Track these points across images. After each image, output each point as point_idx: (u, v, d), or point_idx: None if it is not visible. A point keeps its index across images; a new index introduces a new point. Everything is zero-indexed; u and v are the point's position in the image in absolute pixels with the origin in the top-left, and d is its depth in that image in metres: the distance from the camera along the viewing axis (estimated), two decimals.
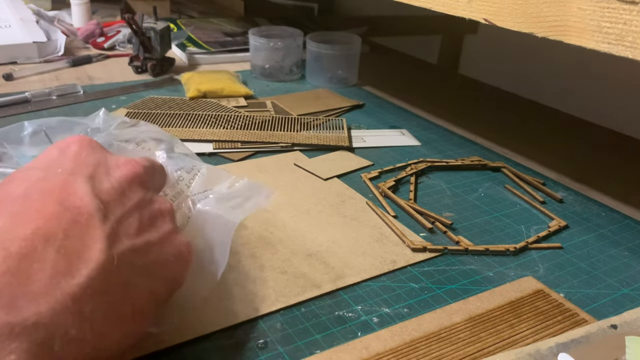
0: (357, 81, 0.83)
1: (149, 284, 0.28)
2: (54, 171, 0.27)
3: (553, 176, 0.57)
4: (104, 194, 0.27)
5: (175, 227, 0.31)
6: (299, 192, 0.50)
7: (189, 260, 0.31)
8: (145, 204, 0.29)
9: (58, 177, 0.26)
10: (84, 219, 0.25)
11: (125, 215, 0.27)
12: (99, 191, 0.27)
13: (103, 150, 0.30)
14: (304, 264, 0.40)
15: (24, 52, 0.83)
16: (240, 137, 0.60)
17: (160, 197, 0.31)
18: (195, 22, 1.05)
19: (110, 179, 0.28)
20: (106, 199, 0.27)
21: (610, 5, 0.31)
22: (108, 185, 0.28)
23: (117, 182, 0.28)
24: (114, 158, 0.30)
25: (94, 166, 0.28)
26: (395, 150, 0.61)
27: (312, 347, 0.32)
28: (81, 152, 0.29)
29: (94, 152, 0.29)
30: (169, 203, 0.31)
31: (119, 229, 0.26)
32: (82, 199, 0.26)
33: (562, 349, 0.30)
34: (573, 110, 0.76)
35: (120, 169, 0.29)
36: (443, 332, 0.34)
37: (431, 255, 0.42)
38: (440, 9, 0.44)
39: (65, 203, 0.25)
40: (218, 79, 0.75)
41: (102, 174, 0.28)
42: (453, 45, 1.23)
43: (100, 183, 0.27)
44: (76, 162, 0.28)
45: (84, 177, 0.27)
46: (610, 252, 0.44)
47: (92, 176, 0.27)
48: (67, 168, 0.27)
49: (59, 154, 0.29)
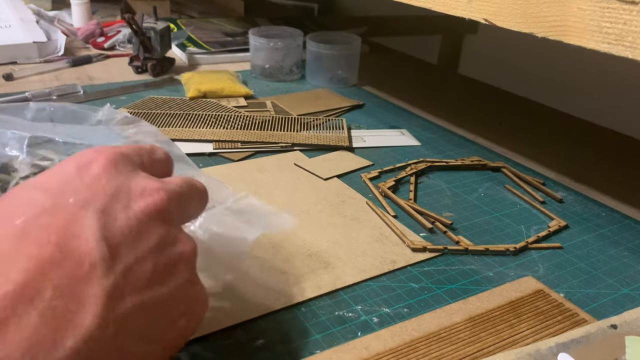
0: (357, 81, 0.83)
1: (147, 349, 0.24)
2: (64, 200, 0.23)
3: (553, 176, 0.57)
4: (115, 235, 0.23)
5: (193, 276, 0.26)
6: (299, 192, 0.50)
7: (200, 317, 0.27)
8: (164, 247, 0.25)
9: (66, 211, 0.23)
10: (84, 270, 0.21)
11: (137, 263, 0.23)
12: (110, 231, 0.23)
13: (129, 170, 0.26)
14: (304, 264, 0.40)
15: (24, 52, 0.83)
16: (240, 137, 0.60)
17: (183, 235, 0.26)
18: (195, 22, 1.05)
19: (128, 214, 0.24)
20: (117, 242, 0.23)
21: (610, 5, 0.31)
22: (123, 223, 0.23)
23: (136, 218, 0.24)
24: (140, 182, 0.25)
25: (113, 195, 0.24)
26: (395, 150, 0.61)
27: (312, 347, 0.32)
28: (102, 176, 0.24)
29: (118, 175, 0.25)
30: (191, 244, 0.26)
31: (125, 282, 0.22)
32: (87, 242, 0.22)
33: (562, 348, 0.30)
34: (573, 110, 0.76)
35: (143, 200, 0.25)
36: (443, 332, 0.34)
37: (431, 255, 0.42)
38: (440, 9, 0.44)
39: (66, 247, 0.21)
40: (218, 79, 0.75)
41: (120, 206, 0.24)
42: (453, 45, 1.23)
43: (115, 219, 0.23)
44: (92, 190, 0.24)
45: (95, 212, 0.23)
46: (610, 252, 0.44)
47: (106, 210, 0.23)
48: (80, 199, 0.23)
49: (76, 174, 0.24)
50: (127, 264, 0.23)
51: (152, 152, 0.28)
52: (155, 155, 0.29)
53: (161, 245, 0.24)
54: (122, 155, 0.26)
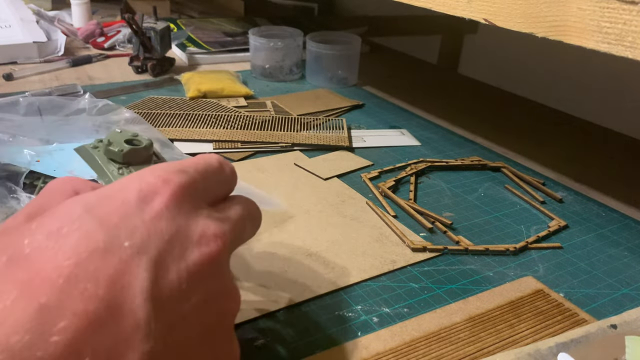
0: (357, 81, 0.83)
1: None
2: (119, 240, 0.21)
3: (553, 176, 0.57)
4: (164, 291, 0.21)
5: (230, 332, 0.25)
6: (299, 192, 0.50)
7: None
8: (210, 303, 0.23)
9: (119, 256, 0.20)
10: (127, 332, 0.19)
11: (178, 323, 0.21)
12: (159, 286, 0.21)
13: (191, 208, 0.23)
14: (304, 264, 0.40)
15: (24, 52, 0.83)
16: (240, 137, 0.60)
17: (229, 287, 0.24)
18: (195, 22, 1.05)
19: (180, 266, 0.22)
20: (164, 299, 0.21)
21: (610, 5, 0.31)
22: (174, 278, 0.21)
23: (187, 272, 0.22)
24: (199, 226, 0.23)
25: (169, 241, 0.22)
26: (395, 150, 0.61)
27: (312, 347, 0.32)
28: (164, 215, 0.22)
29: (179, 214, 0.23)
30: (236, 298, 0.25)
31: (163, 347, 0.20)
32: (133, 299, 0.20)
33: (562, 348, 0.30)
34: (573, 110, 0.76)
35: (199, 250, 0.22)
36: (443, 332, 0.34)
37: (431, 255, 0.42)
38: (440, 9, 0.44)
39: (114, 303, 0.19)
40: (218, 79, 0.75)
41: (176, 256, 0.22)
42: (453, 45, 1.23)
43: (167, 271, 0.21)
44: (150, 233, 0.21)
45: (149, 262, 0.21)
46: (610, 252, 0.44)
47: (160, 260, 0.21)
48: (137, 242, 0.21)
49: (137, 207, 0.22)
50: (169, 323, 0.21)
51: (220, 173, 0.27)
52: (223, 175, 0.27)
53: (207, 301, 0.23)
54: (188, 188, 0.24)
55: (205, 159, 0.26)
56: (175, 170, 0.24)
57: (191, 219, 0.23)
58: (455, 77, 0.97)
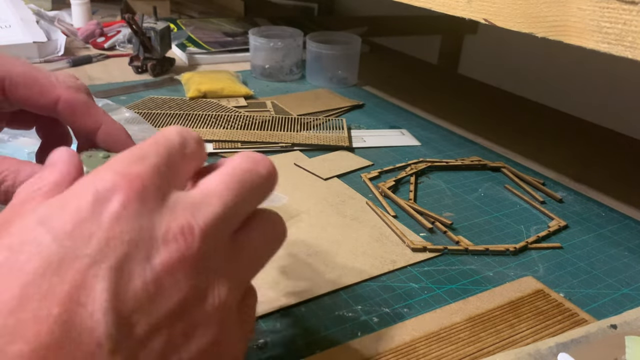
0: (357, 81, 0.83)
1: None
2: (75, 252, 0.19)
3: (553, 176, 0.57)
4: (128, 302, 0.19)
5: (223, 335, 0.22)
6: (299, 192, 0.50)
7: None
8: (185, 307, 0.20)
9: (75, 267, 0.19)
10: (88, 351, 0.18)
11: (150, 333, 0.19)
12: (122, 297, 0.19)
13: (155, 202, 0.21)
14: (304, 264, 0.40)
15: (24, 52, 0.83)
16: (240, 137, 0.60)
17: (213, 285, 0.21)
18: (195, 22, 1.05)
19: (146, 271, 0.19)
20: (129, 310, 0.19)
21: (610, 5, 0.31)
22: (138, 284, 0.19)
23: (154, 276, 0.20)
24: (165, 221, 0.21)
25: (132, 244, 0.20)
26: (395, 150, 0.61)
27: (312, 347, 0.32)
28: (123, 216, 0.20)
29: (141, 211, 0.20)
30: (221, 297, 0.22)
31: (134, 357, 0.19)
32: (92, 315, 0.18)
33: (562, 348, 0.30)
34: (573, 110, 0.76)
35: (166, 249, 0.20)
36: (443, 332, 0.34)
37: (431, 255, 0.42)
38: (440, 9, 0.44)
39: (69, 323, 0.18)
40: (218, 79, 0.75)
41: (140, 258, 0.20)
42: (453, 45, 1.23)
43: (130, 278, 0.19)
44: (109, 238, 0.19)
45: (109, 271, 0.19)
46: (610, 252, 0.44)
47: (121, 266, 0.19)
48: (94, 249, 0.19)
49: (93, 211, 0.20)
50: (139, 336, 0.19)
51: (184, 146, 0.24)
52: (188, 149, 0.24)
53: (181, 306, 0.20)
54: (149, 178, 0.21)
55: (164, 135, 0.23)
56: (134, 159, 0.22)
57: (156, 214, 0.20)
58: (455, 77, 0.97)
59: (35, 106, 0.30)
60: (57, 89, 0.30)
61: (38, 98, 0.30)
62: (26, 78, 0.30)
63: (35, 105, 0.30)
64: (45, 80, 0.30)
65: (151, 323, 0.19)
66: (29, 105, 0.30)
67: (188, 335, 0.20)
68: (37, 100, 0.30)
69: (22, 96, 0.30)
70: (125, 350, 0.18)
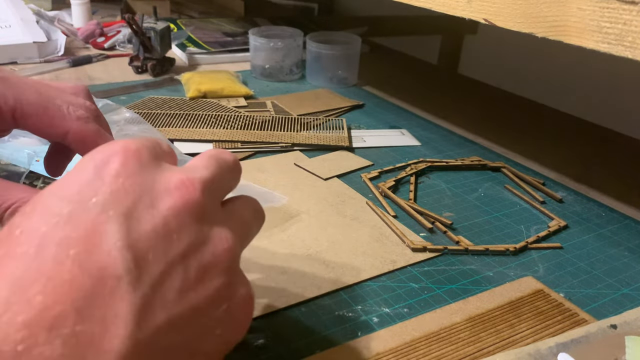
0: (357, 81, 0.83)
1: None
2: (83, 205, 0.21)
3: (553, 176, 0.57)
4: (142, 241, 0.20)
5: (231, 277, 0.24)
6: (299, 192, 0.50)
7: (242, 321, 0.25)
8: (196, 248, 0.22)
9: (85, 217, 0.20)
10: (108, 286, 0.19)
11: (167, 270, 0.21)
12: (135, 237, 0.20)
13: (152, 163, 0.23)
14: (304, 264, 0.40)
15: (24, 52, 0.83)
16: (240, 137, 0.60)
17: (217, 231, 0.23)
18: (195, 22, 1.05)
19: (154, 215, 0.21)
20: (143, 249, 0.20)
21: (610, 5, 0.31)
22: (149, 226, 0.21)
23: (162, 219, 0.21)
24: (165, 176, 0.23)
25: (136, 195, 0.21)
26: (395, 150, 0.61)
27: (312, 347, 0.32)
28: (122, 173, 0.22)
29: (141, 170, 0.22)
30: (226, 241, 0.24)
31: (154, 295, 0.20)
32: (109, 253, 0.20)
33: (562, 348, 0.31)
34: (573, 110, 0.76)
35: (169, 196, 0.22)
36: (443, 332, 0.34)
37: (431, 255, 0.42)
38: (440, 9, 0.44)
39: (87, 262, 0.19)
40: (218, 79, 0.75)
41: (145, 206, 0.21)
42: (453, 45, 1.23)
43: (139, 222, 0.21)
44: (113, 191, 0.21)
45: (117, 216, 0.20)
46: (610, 252, 0.44)
47: (129, 212, 0.21)
48: (100, 200, 0.21)
49: (95, 174, 0.22)
50: (156, 273, 0.20)
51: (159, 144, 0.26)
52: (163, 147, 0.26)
53: (193, 247, 0.22)
54: (142, 146, 0.23)
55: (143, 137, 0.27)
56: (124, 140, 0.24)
57: (155, 171, 0.23)
58: (455, 77, 0.97)
59: (45, 135, 0.32)
60: (67, 121, 0.31)
61: (48, 129, 0.31)
62: (37, 109, 0.31)
63: (45, 135, 0.32)
64: (56, 111, 0.31)
65: (167, 261, 0.21)
66: (38, 134, 0.32)
67: (203, 274, 0.22)
68: (47, 131, 0.31)
69: (32, 126, 0.31)
70: (144, 285, 0.20)
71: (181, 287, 0.21)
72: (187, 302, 0.21)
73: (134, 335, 0.19)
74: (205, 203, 0.23)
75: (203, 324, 0.22)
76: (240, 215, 0.27)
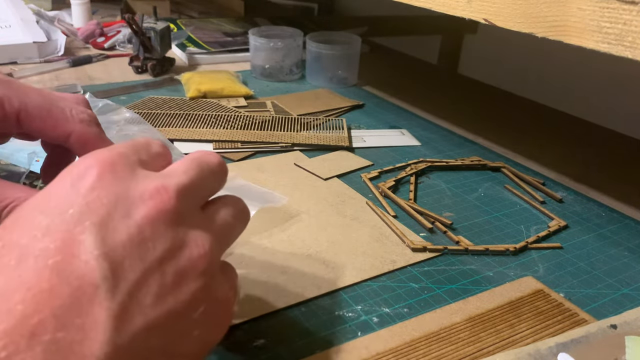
0: (357, 81, 0.83)
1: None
2: (60, 217, 0.21)
3: (553, 176, 0.57)
4: (117, 250, 0.21)
5: (208, 279, 0.24)
6: (299, 192, 0.50)
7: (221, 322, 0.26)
8: (172, 254, 0.23)
9: (62, 228, 0.21)
10: (86, 294, 0.20)
11: (143, 277, 0.21)
12: (111, 246, 0.21)
13: (127, 172, 0.24)
14: (304, 264, 0.40)
15: (24, 52, 0.83)
16: (240, 137, 0.60)
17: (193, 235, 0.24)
18: (195, 22, 1.05)
19: (128, 224, 0.22)
20: (119, 257, 0.21)
21: (610, 5, 0.31)
22: (124, 235, 0.22)
23: (137, 227, 0.22)
24: (139, 184, 0.23)
25: (111, 205, 0.22)
26: (395, 150, 0.61)
27: (312, 347, 0.32)
28: (97, 185, 0.22)
29: (115, 180, 0.23)
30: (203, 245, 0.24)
31: (132, 301, 0.21)
32: (86, 262, 0.20)
33: (562, 348, 0.31)
34: (573, 110, 0.76)
35: (144, 204, 0.23)
36: (443, 332, 0.34)
37: (431, 255, 0.42)
38: (440, 9, 0.44)
39: (65, 271, 0.20)
40: (218, 79, 0.75)
41: (120, 215, 0.22)
42: (453, 45, 1.23)
43: (115, 231, 0.21)
44: (89, 202, 0.22)
45: (94, 226, 0.21)
46: (610, 252, 0.44)
47: (104, 222, 0.21)
48: (76, 212, 0.21)
49: (71, 187, 0.22)
50: (133, 280, 0.21)
51: (148, 147, 0.27)
52: (152, 149, 0.27)
53: (168, 253, 0.22)
54: (118, 156, 0.24)
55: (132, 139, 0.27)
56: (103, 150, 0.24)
57: (129, 181, 0.23)
58: (455, 77, 0.97)
59: (48, 138, 0.32)
60: (70, 123, 0.32)
61: (51, 131, 0.31)
62: (41, 111, 0.31)
63: (48, 137, 0.32)
64: (59, 114, 0.31)
65: (143, 268, 0.21)
66: (41, 136, 0.32)
67: (179, 279, 0.23)
68: (50, 133, 0.32)
69: (35, 128, 0.31)
70: (121, 292, 0.21)
71: (158, 292, 0.22)
72: (164, 306, 0.22)
73: (113, 340, 0.20)
74: (180, 209, 0.24)
75: (181, 326, 0.23)
76: (221, 217, 0.27)
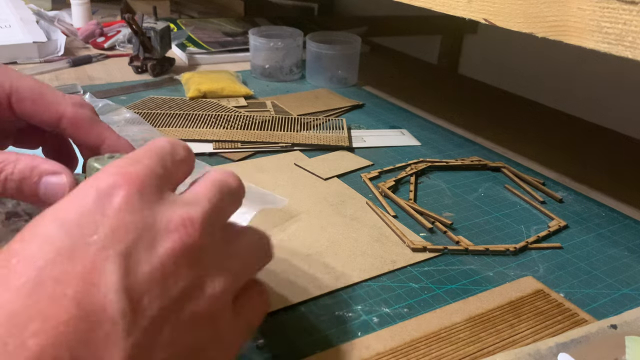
0: (357, 81, 0.83)
1: None
2: (82, 239, 0.20)
3: (553, 176, 0.57)
4: (138, 283, 0.20)
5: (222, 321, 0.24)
6: (299, 192, 0.50)
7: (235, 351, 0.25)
8: (190, 293, 0.22)
9: (84, 254, 0.20)
10: (104, 331, 0.19)
11: (160, 316, 0.21)
12: (132, 279, 0.20)
13: (154, 196, 0.23)
14: (304, 264, 0.40)
15: (24, 52, 0.83)
16: (240, 137, 0.60)
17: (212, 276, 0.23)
18: (195, 22, 1.05)
19: (152, 258, 0.21)
20: (139, 293, 0.20)
21: (610, 5, 0.31)
22: (146, 269, 0.21)
23: (160, 262, 0.21)
24: (166, 214, 0.22)
25: (137, 233, 0.21)
26: (395, 150, 0.61)
27: (312, 347, 0.32)
28: (124, 208, 0.21)
29: (142, 205, 0.22)
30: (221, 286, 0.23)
31: (148, 340, 0.20)
32: (105, 295, 0.19)
33: (562, 348, 0.31)
34: (573, 110, 0.76)
35: (169, 238, 0.22)
36: (443, 332, 0.34)
37: (431, 255, 0.42)
38: (440, 9, 0.44)
39: (84, 302, 0.19)
40: (218, 79, 0.75)
41: (144, 246, 0.21)
42: (453, 45, 1.23)
43: (137, 263, 0.21)
44: (114, 228, 0.21)
45: (117, 256, 0.20)
46: (610, 252, 0.44)
47: (129, 252, 0.21)
48: (101, 237, 0.20)
49: (96, 204, 0.21)
50: (150, 318, 0.20)
51: (174, 153, 0.25)
52: (178, 155, 0.26)
53: (187, 291, 0.22)
54: (146, 176, 0.23)
55: (155, 143, 0.26)
56: (130, 162, 0.23)
57: (156, 208, 0.22)
58: (455, 77, 0.97)
59: (40, 121, 0.31)
60: (62, 105, 0.31)
61: (43, 113, 0.31)
62: (33, 93, 0.31)
63: (40, 120, 0.31)
64: (51, 95, 0.31)
65: (162, 307, 0.21)
66: (34, 119, 0.31)
67: (195, 319, 0.22)
68: (42, 115, 0.31)
69: (27, 110, 0.31)
70: (137, 331, 0.20)
71: (172, 332, 0.21)
72: (177, 346, 0.21)
73: None
74: (203, 245, 0.23)
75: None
76: (243, 257, 0.26)
